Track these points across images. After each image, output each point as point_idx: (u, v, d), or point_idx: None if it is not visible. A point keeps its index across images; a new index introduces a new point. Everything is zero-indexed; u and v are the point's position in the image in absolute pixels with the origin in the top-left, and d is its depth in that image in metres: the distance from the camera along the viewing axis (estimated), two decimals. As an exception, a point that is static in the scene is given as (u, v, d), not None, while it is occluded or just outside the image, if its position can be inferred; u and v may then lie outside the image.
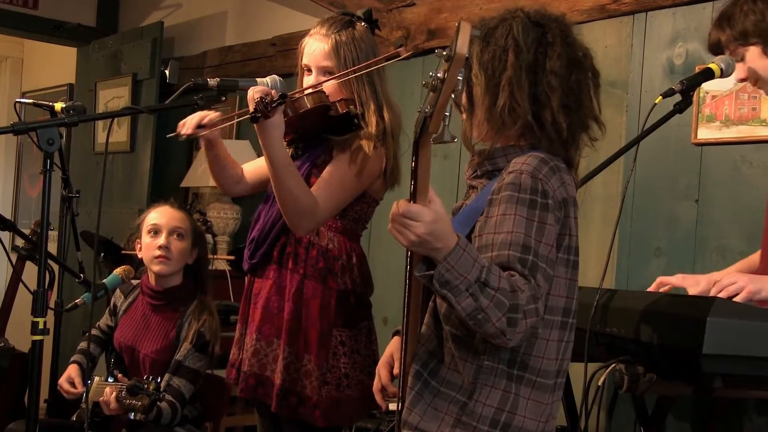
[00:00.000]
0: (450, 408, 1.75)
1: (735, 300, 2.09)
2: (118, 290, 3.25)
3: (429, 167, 1.59)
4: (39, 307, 2.14)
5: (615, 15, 3.40)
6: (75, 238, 3.15)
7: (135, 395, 2.71)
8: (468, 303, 1.58)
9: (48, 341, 2.38)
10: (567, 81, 1.76)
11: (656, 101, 2.30)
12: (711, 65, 2.38)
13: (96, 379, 2.93)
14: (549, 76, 1.75)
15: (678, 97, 2.34)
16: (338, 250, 2.52)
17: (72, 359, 3.16)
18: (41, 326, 2.14)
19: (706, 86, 2.91)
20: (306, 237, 2.50)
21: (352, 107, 2.49)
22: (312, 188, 2.42)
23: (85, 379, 3.04)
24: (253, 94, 2.27)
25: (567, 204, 1.73)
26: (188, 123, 2.52)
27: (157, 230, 3.09)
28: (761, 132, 3.00)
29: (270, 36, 5.04)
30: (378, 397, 2.04)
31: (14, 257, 3.76)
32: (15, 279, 4.27)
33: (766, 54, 2.25)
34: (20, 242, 3.77)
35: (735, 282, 2.13)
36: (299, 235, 2.49)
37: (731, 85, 3.02)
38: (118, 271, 3.20)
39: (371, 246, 3.86)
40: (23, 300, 3.27)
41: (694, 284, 2.25)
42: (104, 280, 3.17)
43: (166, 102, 2.45)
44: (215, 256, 4.58)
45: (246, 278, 2.66)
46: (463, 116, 1.84)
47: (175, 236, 3.09)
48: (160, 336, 3.04)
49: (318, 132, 2.54)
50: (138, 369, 3.07)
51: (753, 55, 2.26)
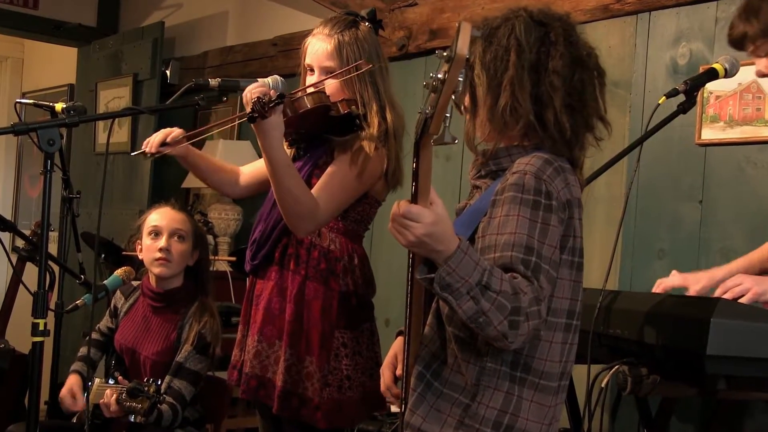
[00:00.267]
0: (453, 410, 1.74)
1: (740, 301, 2.08)
2: (119, 292, 3.24)
3: (430, 168, 1.58)
4: (39, 309, 2.13)
5: (618, 15, 3.40)
6: (75, 239, 3.14)
7: (135, 397, 2.71)
8: (469, 306, 1.57)
9: (48, 343, 2.36)
10: (570, 80, 1.75)
11: (660, 101, 2.31)
12: (715, 65, 2.39)
13: (96, 381, 2.92)
14: (551, 76, 1.74)
15: (682, 98, 2.35)
16: (340, 252, 2.51)
17: (72, 368, 3.14)
18: (41, 328, 2.14)
19: (710, 86, 2.89)
20: (307, 238, 2.49)
21: (354, 108, 2.47)
22: (312, 189, 2.41)
23: (86, 385, 3.03)
24: (250, 95, 2.26)
25: (571, 205, 1.72)
26: (152, 142, 2.52)
27: (158, 232, 3.08)
28: (765, 132, 2.99)
29: (271, 36, 5.03)
30: (388, 394, 2.03)
31: (14, 258, 3.75)
32: (15, 280, 4.26)
33: None
34: (20, 243, 3.76)
35: (740, 283, 2.13)
36: (300, 237, 2.48)
37: (735, 86, 3.02)
38: (119, 273, 3.19)
39: (373, 247, 3.85)
40: (23, 301, 3.26)
41: (695, 282, 2.24)
42: (105, 282, 3.16)
43: (167, 102, 2.45)
44: (216, 257, 4.58)
45: (247, 279, 2.66)
46: (467, 117, 1.83)
47: (176, 238, 3.08)
48: (161, 338, 3.04)
49: (319, 132, 2.52)
50: (138, 371, 3.06)
51: None
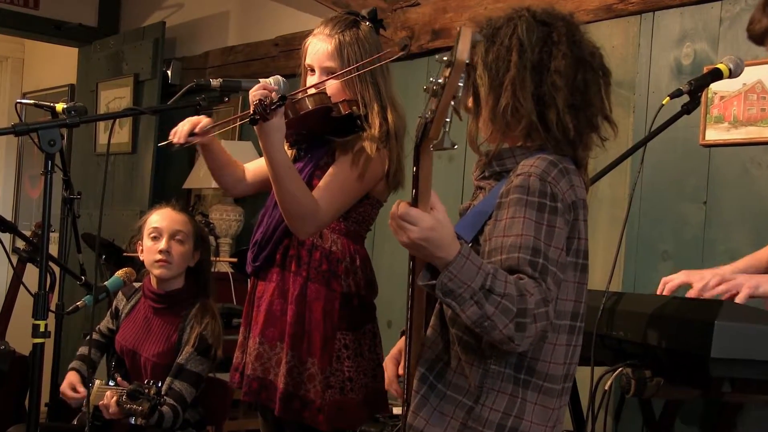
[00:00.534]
0: (456, 412, 1.73)
1: (736, 300, 2.08)
2: (120, 293, 3.24)
3: (431, 173, 1.58)
4: (40, 310, 2.12)
5: (622, 15, 3.39)
6: (76, 240, 3.13)
7: (135, 400, 2.70)
8: (473, 311, 1.56)
9: (49, 344, 2.36)
10: (573, 80, 1.74)
11: (664, 102, 2.30)
12: (719, 65, 2.39)
13: (97, 383, 2.92)
14: (553, 76, 1.73)
15: (686, 98, 2.34)
16: (342, 253, 2.50)
17: (71, 366, 3.14)
18: (42, 329, 2.12)
19: (715, 87, 2.89)
20: (309, 239, 2.49)
21: (355, 108, 2.47)
22: (313, 191, 2.40)
23: (86, 384, 3.02)
24: (252, 96, 2.25)
25: (576, 207, 1.72)
26: (180, 132, 2.49)
27: (158, 234, 3.07)
28: (770, 133, 2.98)
29: (273, 36, 5.03)
30: (392, 388, 2.00)
31: (15, 259, 3.75)
32: (15, 281, 4.27)
33: None
34: (21, 244, 3.76)
35: (733, 280, 2.13)
36: (301, 239, 2.47)
37: (740, 86, 3.01)
38: (120, 274, 3.18)
39: (375, 248, 3.84)
40: (24, 302, 3.26)
41: (700, 279, 2.23)
42: (106, 283, 3.14)
43: (169, 103, 2.43)
44: (218, 259, 4.57)
45: (249, 281, 2.65)
46: (470, 117, 1.82)
47: (176, 240, 3.07)
48: (162, 339, 3.03)
49: (320, 133, 2.52)
50: (139, 372, 3.05)
51: None
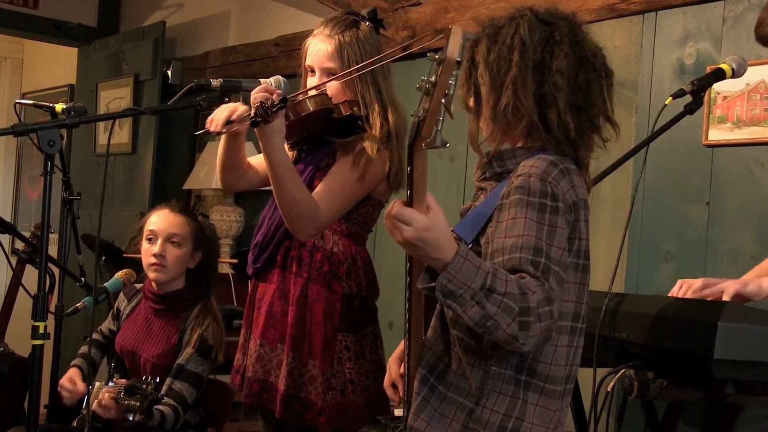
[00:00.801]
0: (457, 414, 1.73)
1: (723, 296, 2.11)
2: (122, 294, 3.22)
3: (425, 172, 1.57)
4: (39, 311, 2.11)
5: (624, 14, 3.38)
6: (76, 241, 3.13)
7: (133, 395, 2.67)
8: (475, 312, 1.56)
9: (48, 346, 2.36)
10: (574, 80, 1.74)
11: (666, 102, 2.30)
12: (722, 65, 2.39)
13: (97, 385, 2.90)
14: (555, 76, 1.73)
15: (689, 98, 2.34)
16: (343, 254, 2.50)
17: (73, 363, 3.12)
18: (41, 330, 2.12)
19: (718, 87, 2.88)
20: (310, 241, 2.48)
21: (356, 109, 2.46)
22: (314, 192, 2.40)
23: (85, 378, 3.01)
24: (254, 99, 2.24)
25: (577, 207, 1.71)
26: (216, 120, 2.39)
27: (154, 236, 3.05)
28: (774, 133, 2.97)
29: (273, 36, 5.03)
30: (390, 392, 2.01)
31: (14, 260, 3.75)
32: (15, 282, 4.26)
33: None
34: (20, 245, 3.77)
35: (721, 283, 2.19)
36: (301, 240, 2.46)
37: (743, 86, 3.00)
38: (120, 275, 3.17)
39: (377, 249, 3.83)
40: (23, 304, 3.24)
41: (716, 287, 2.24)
42: (105, 284, 3.14)
43: (169, 103, 2.42)
44: (218, 260, 4.55)
45: (250, 283, 2.64)
46: (471, 117, 1.81)
47: (171, 243, 3.04)
48: (162, 340, 3.02)
49: (321, 134, 2.51)
50: (138, 373, 3.03)
51: None
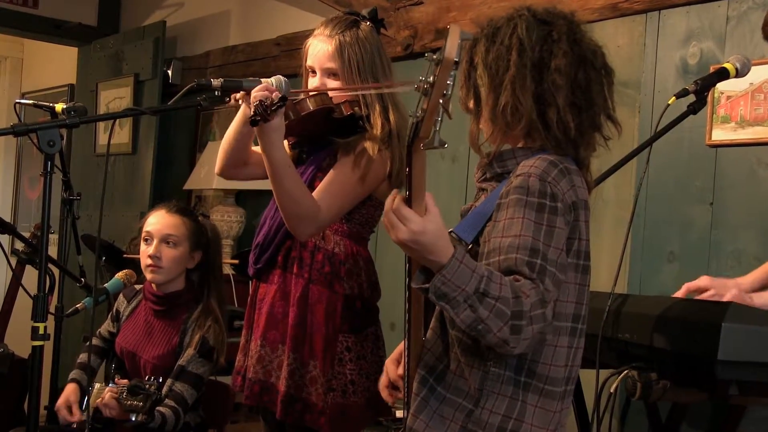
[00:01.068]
0: (456, 415, 1.72)
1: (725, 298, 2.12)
2: (122, 295, 3.21)
3: (424, 172, 1.57)
4: (39, 312, 2.10)
5: (627, 13, 3.38)
6: (76, 242, 3.12)
7: (136, 396, 2.67)
8: (467, 315, 1.55)
9: (48, 347, 2.36)
10: (574, 79, 1.73)
11: (669, 102, 2.29)
12: (726, 65, 2.39)
13: (97, 386, 2.91)
14: (554, 74, 1.72)
15: (692, 98, 2.33)
16: (344, 255, 2.49)
17: (71, 376, 3.10)
18: (41, 331, 2.11)
19: (721, 86, 2.85)
20: (311, 241, 2.47)
21: (357, 109, 2.46)
22: (314, 192, 2.39)
23: (84, 393, 3.00)
24: (253, 98, 2.23)
25: (577, 207, 1.70)
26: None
27: (150, 237, 3.03)
28: (778, 133, 2.96)
29: (274, 36, 5.03)
30: (384, 393, 2.00)
31: (14, 261, 3.74)
32: (15, 283, 4.26)
33: None
34: (20, 246, 3.76)
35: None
36: (301, 240, 2.46)
37: (747, 86, 2.99)
38: (120, 276, 3.17)
39: (378, 250, 3.81)
40: (23, 305, 3.24)
41: (722, 288, 2.24)
42: (106, 285, 3.14)
43: (169, 103, 2.41)
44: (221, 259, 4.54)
45: (251, 283, 2.63)
46: (471, 117, 1.81)
47: (167, 244, 3.01)
48: (163, 342, 3.01)
49: (322, 134, 2.50)
50: (138, 374, 3.02)
51: None
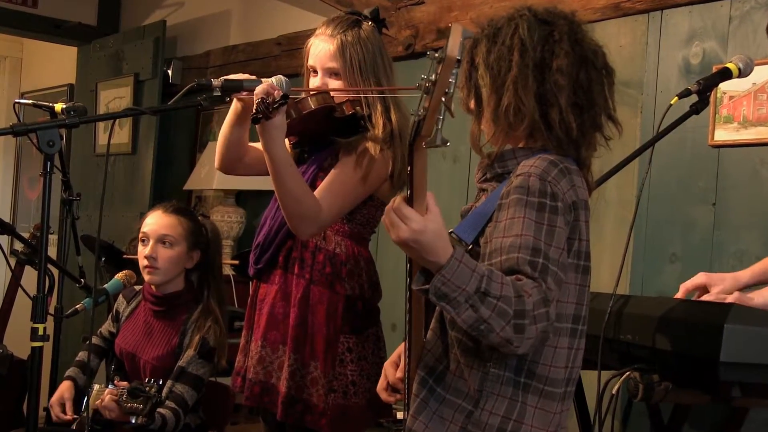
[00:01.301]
0: (455, 416, 1.72)
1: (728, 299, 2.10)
2: (121, 296, 3.20)
3: (425, 171, 1.56)
4: (38, 313, 2.10)
5: (629, 13, 3.37)
6: (75, 242, 3.12)
7: (136, 398, 2.66)
8: (468, 315, 1.55)
9: (48, 348, 2.36)
10: (576, 79, 1.73)
11: (672, 102, 2.29)
12: (729, 65, 2.39)
13: (96, 387, 2.89)
14: (556, 75, 1.72)
15: (694, 98, 2.33)
16: (345, 255, 2.49)
17: (67, 374, 3.10)
18: (41, 332, 2.10)
19: (724, 86, 2.87)
20: (312, 241, 2.47)
21: (359, 108, 2.45)
22: (316, 191, 2.38)
23: (82, 393, 2.99)
24: (255, 95, 2.22)
25: (577, 207, 1.70)
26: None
27: (146, 238, 3.02)
28: (780, 133, 2.95)
29: (275, 35, 5.02)
30: (383, 395, 2.00)
31: (13, 262, 3.73)
32: (14, 284, 4.26)
33: None
34: (19, 246, 3.75)
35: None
36: (302, 239, 2.45)
37: (749, 86, 2.98)
38: (120, 276, 3.15)
39: (379, 251, 3.81)
40: (22, 305, 3.23)
41: (720, 281, 2.24)
42: (105, 285, 3.12)
43: (169, 103, 2.41)
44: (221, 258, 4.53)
45: (251, 284, 2.63)
46: (473, 118, 1.81)
47: (163, 244, 2.99)
48: (163, 343, 2.99)
49: (323, 134, 2.50)
50: (138, 376, 3.02)
51: None
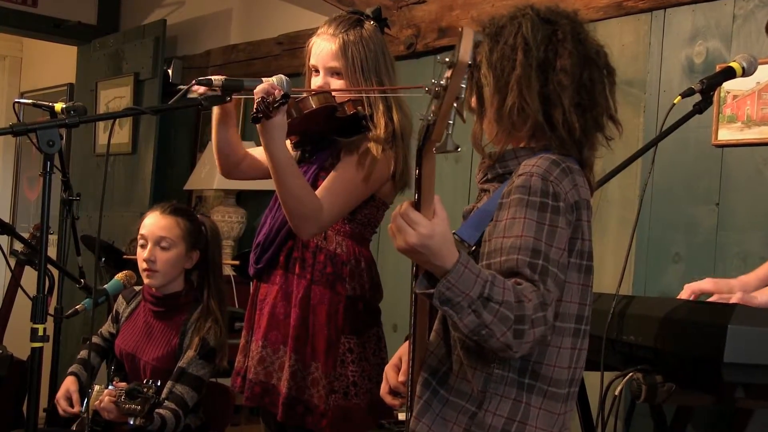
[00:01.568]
0: (459, 418, 1.72)
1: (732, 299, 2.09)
2: (121, 296, 3.19)
3: (434, 176, 1.55)
4: (38, 314, 2.09)
5: (632, 12, 3.35)
6: (75, 243, 3.12)
7: (134, 399, 2.66)
8: (471, 320, 1.55)
9: (47, 348, 2.36)
10: (579, 79, 1.73)
11: (675, 101, 2.29)
12: (732, 64, 2.39)
13: (96, 388, 2.89)
14: (560, 75, 1.72)
15: (698, 97, 2.32)
16: (346, 255, 2.48)
17: (70, 370, 3.09)
18: (41, 333, 2.10)
19: (727, 86, 2.85)
20: (313, 241, 2.46)
21: (360, 108, 2.45)
22: (317, 191, 2.38)
23: (84, 391, 2.98)
24: (256, 94, 2.23)
25: (579, 207, 1.70)
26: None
27: (144, 241, 3.00)
28: (785, 133, 2.94)
29: (276, 34, 5.01)
30: (387, 399, 1.99)
31: (13, 262, 3.73)
32: (14, 284, 4.25)
33: None
34: (19, 246, 3.76)
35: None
36: (304, 239, 2.45)
37: (753, 85, 2.96)
38: (120, 277, 3.14)
39: (381, 251, 3.80)
40: (22, 306, 3.22)
41: (726, 288, 2.23)
42: (105, 286, 3.12)
43: (169, 102, 2.40)
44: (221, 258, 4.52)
45: (252, 284, 2.62)
46: (475, 121, 1.80)
47: (161, 247, 2.98)
48: (163, 343, 2.99)
49: (325, 134, 2.50)
50: (138, 376, 3.01)
51: None
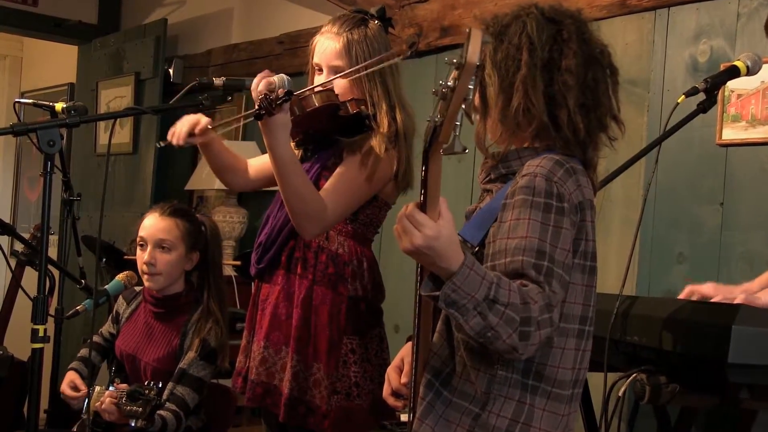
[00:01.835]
0: (462, 419, 1.71)
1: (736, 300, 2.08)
2: (121, 297, 3.19)
3: (439, 177, 1.55)
4: (39, 314, 2.10)
5: (636, 10, 3.35)
6: (76, 243, 3.11)
7: (135, 401, 2.66)
8: (476, 322, 1.54)
9: (48, 349, 2.36)
10: (584, 79, 1.72)
11: (679, 100, 2.27)
12: (736, 63, 2.38)
13: (97, 389, 2.89)
14: (565, 75, 1.71)
15: (702, 96, 2.31)
16: (349, 255, 2.47)
17: (70, 366, 3.08)
18: (41, 334, 2.11)
19: (732, 85, 2.84)
20: (315, 241, 2.45)
21: (363, 107, 2.44)
22: (320, 191, 2.37)
23: (84, 381, 2.97)
24: (258, 92, 2.22)
25: (583, 207, 1.69)
26: (178, 133, 2.42)
27: (144, 243, 2.99)
28: (789, 133, 2.93)
29: (277, 33, 5.02)
30: (390, 401, 1.98)
31: (13, 262, 3.72)
32: (14, 285, 4.24)
33: None
34: (19, 247, 3.75)
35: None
36: (307, 239, 2.44)
37: (758, 84, 2.96)
38: (121, 277, 3.14)
39: (383, 251, 3.80)
40: (22, 307, 3.22)
41: (728, 293, 2.22)
42: (106, 286, 3.11)
43: (170, 102, 2.40)
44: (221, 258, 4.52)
45: (253, 284, 2.62)
46: (477, 118, 1.79)
47: (161, 249, 2.96)
48: (163, 344, 2.98)
49: (327, 133, 2.49)
50: (139, 377, 3.00)
51: None
